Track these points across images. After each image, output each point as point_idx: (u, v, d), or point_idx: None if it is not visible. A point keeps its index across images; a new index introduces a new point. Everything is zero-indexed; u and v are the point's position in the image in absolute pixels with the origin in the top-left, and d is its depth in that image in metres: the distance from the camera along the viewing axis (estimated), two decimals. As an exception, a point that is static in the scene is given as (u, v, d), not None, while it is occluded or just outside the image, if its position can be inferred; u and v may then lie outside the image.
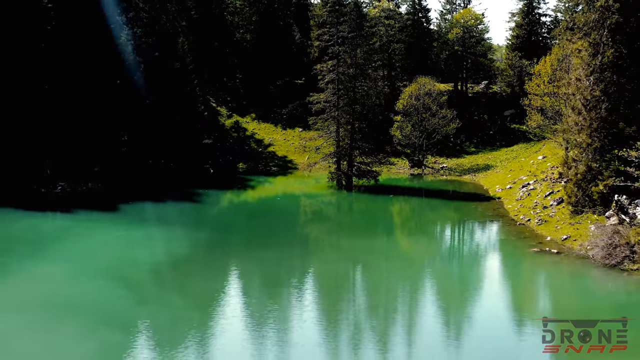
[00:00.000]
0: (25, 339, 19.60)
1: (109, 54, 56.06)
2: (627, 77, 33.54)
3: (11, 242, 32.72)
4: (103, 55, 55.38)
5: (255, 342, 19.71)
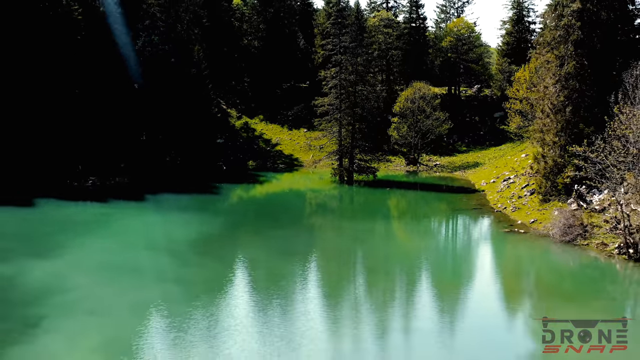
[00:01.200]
0: (99, 289, 25.35)
1: (129, 61, 61.96)
2: (588, 85, 39.24)
3: (64, 225, 38.55)
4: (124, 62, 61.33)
5: (269, 292, 25.34)
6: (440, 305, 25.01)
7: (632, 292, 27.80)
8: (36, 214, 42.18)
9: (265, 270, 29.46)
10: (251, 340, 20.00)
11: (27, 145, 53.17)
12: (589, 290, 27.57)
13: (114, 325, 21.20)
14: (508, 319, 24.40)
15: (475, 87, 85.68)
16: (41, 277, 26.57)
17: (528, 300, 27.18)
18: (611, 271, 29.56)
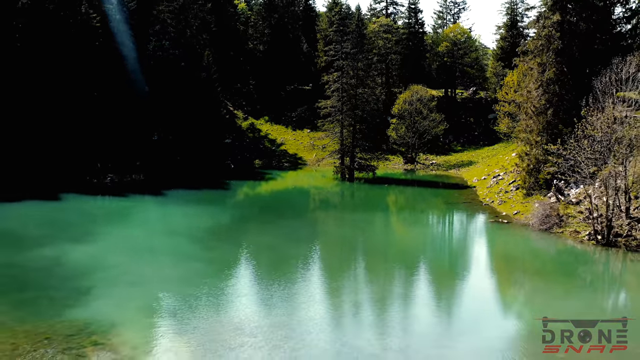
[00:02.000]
0: (134, 267, 29.32)
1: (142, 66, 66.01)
2: (567, 89, 43.26)
3: (91, 216, 42.63)
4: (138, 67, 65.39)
5: (280, 269, 29.32)
6: (430, 279, 29.05)
7: (598, 271, 31.78)
8: (64, 207, 46.25)
9: (276, 252, 33.50)
10: (263, 304, 23.96)
11: (49, 145, 57.10)
12: (562, 269, 31.59)
13: (152, 293, 25.19)
14: (490, 291, 28.35)
15: (471, 89, 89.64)
16: (81, 257, 30.59)
17: (505, 276, 31.19)
18: (581, 254, 33.55)
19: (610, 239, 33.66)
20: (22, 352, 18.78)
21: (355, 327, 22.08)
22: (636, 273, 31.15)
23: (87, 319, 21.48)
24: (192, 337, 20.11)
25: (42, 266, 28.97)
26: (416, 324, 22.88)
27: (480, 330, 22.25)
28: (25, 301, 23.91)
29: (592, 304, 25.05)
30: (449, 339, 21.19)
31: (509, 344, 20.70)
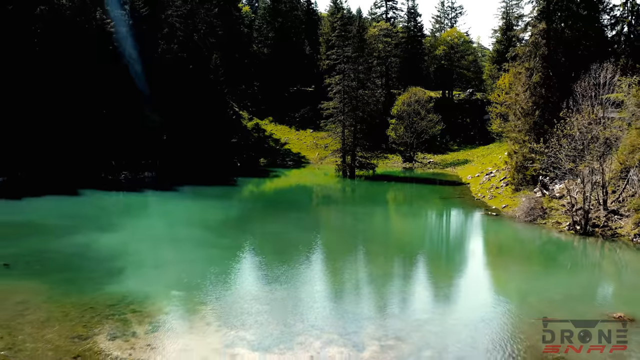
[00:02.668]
0: (158, 252, 32.74)
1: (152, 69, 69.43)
2: (552, 92, 46.66)
3: (112, 209, 46.14)
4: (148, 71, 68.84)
5: (290, 252, 32.75)
6: (423, 261, 32.48)
7: (574, 256, 35.15)
8: (84, 201, 49.74)
9: (284, 239, 36.98)
10: (274, 281, 27.33)
11: (67, 144, 60.51)
12: (541, 255, 35.03)
13: (177, 272, 28.59)
14: (476, 271, 31.78)
15: (468, 91, 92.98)
16: (109, 244, 34.03)
17: (490, 259, 34.65)
18: (561, 242, 36.92)
19: (588, 229, 37.04)
20: (72, 318, 22.15)
21: (355, 298, 25.51)
22: (608, 257, 34.50)
23: (124, 293, 24.89)
24: (216, 305, 23.56)
25: (75, 251, 32.42)
26: (409, 296, 26.27)
27: (465, 302, 25.72)
28: (67, 279, 27.33)
29: (566, 283, 28.40)
30: (437, 308, 24.62)
31: (490, 313, 24.05)
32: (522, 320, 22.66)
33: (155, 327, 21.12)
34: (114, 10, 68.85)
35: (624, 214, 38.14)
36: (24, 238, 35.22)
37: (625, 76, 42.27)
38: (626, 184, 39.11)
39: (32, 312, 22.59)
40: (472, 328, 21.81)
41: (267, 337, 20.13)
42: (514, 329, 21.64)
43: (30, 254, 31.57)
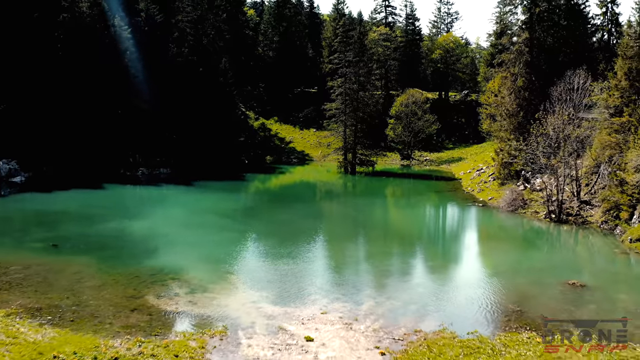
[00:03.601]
0: (185, 235, 37.56)
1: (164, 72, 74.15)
2: (534, 95, 51.44)
3: (136, 200, 51.05)
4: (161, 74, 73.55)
5: (299, 236, 37.57)
6: (416, 242, 37.35)
7: (547, 239, 39.98)
8: (109, 194, 54.64)
9: (293, 225, 41.99)
10: (288, 256, 32.12)
11: (88, 142, 65.26)
12: (519, 238, 39.93)
13: (204, 250, 33.46)
14: (461, 249, 36.63)
15: (463, 92, 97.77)
16: (141, 228, 38.96)
17: (474, 240, 39.57)
18: (537, 228, 41.77)
19: (562, 217, 41.87)
20: (122, 283, 26.96)
21: (356, 270, 30.47)
22: (575, 240, 39.27)
23: (162, 265, 29.74)
24: (240, 274, 28.49)
25: (112, 234, 37.33)
26: (402, 268, 31.11)
27: (447, 272, 30.67)
28: (110, 256, 32.18)
29: (535, 258, 33.41)
30: (424, 276, 29.60)
31: (468, 279, 28.86)
32: (493, 284, 27.55)
33: (193, 289, 25.96)
34: (130, 17, 73.59)
35: (595, 204, 42.93)
36: (64, 224, 40.19)
37: (603, 81, 47.05)
38: (597, 177, 43.89)
39: (88, 280, 27.42)
40: (451, 290, 26.75)
41: (284, 296, 24.99)
42: (486, 291, 26.46)
43: (73, 237, 36.50)
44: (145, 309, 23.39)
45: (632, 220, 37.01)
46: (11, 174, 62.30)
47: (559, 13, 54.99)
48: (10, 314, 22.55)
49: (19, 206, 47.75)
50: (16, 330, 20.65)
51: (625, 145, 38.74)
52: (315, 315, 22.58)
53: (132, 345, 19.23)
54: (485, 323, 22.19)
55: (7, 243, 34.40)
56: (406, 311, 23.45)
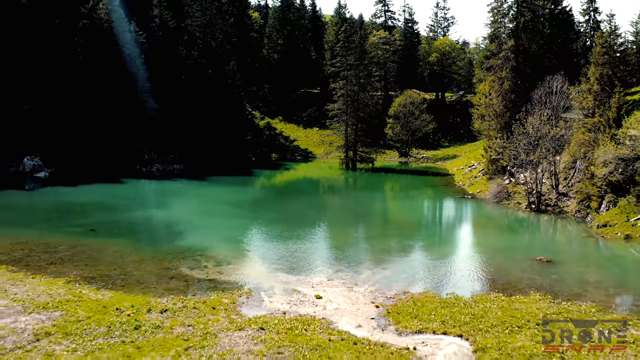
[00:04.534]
0: (204, 221, 42.43)
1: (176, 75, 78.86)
2: (520, 97, 56.25)
3: (156, 193, 55.96)
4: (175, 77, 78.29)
5: (305, 221, 42.41)
6: (411, 226, 42.27)
7: (525, 225, 44.80)
8: (129, 187, 59.64)
9: (300, 213, 47.05)
10: (297, 238, 37.02)
11: (105, 141, 70.10)
12: (500, 224, 44.81)
13: (223, 233, 38.34)
14: (450, 232, 41.51)
15: (459, 93, 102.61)
16: (164, 216, 43.89)
17: (460, 225, 44.45)
18: (517, 216, 46.66)
19: (541, 207, 46.75)
20: (158, 259, 31.79)
21: (357, 248, 35.43)
22: (549, 226, 44.08)
23: (189, 245, 34.67)
24: (258, 251, 33.45)
25: (139, 221, 42.32)
26: (397, 247, 35.95)
27: (435, 249, 35.58)
28: (143, 238, 37.17)
29: (511, 240, 38.37)
30: (416, 252, 34.48)
31: (452, 255, 33.74)
32: (473, 260, 32.52)
33: (218, 263, 30.89)
34: (145, 23, 78.41)
35: (571, 196, 47.79)
36: (94, 213, 45.15)
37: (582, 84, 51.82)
38: (574, 172, 48.74)
39: (128, 256, 32.31)
40: (437, 264, 31.71)
41: (295, 268, 29.92)
42: (466, 264, 31.39)
43: (106, 223, 41.38)
44: (181, 277, 28.29)
45: (600, 209, 41.88)
46: (35, 169, 67.30)
47: (543, 22, 59.80)
48: (70, 281, 27.37)
49: (50, 198, 52.64)
50: (79, 292, 25.53)
51: (595, 143, 43.56)
52: (322, 282, 27.49)
53: (176, 302, 24.11)
54: (462, 287, 27.05)
55: (50, 228, 39.31)
56: (398, 279, 28.34)
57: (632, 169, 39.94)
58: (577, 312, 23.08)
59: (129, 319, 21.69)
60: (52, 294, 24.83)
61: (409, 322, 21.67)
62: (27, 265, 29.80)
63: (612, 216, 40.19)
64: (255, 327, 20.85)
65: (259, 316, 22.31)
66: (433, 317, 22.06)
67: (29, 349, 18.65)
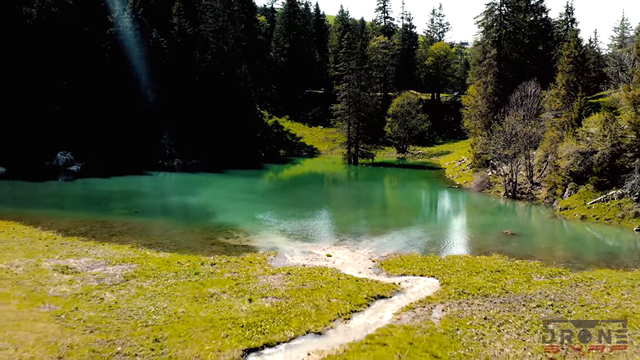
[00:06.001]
0: (231, 205, 50.16)
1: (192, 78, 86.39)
2: (502, 100, 63.87)
3: (182, 183, 63.72)
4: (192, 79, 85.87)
5: (313, 207, 50.06)
6: (405, 210, 50.06)
7: (500, 208, 52.47)
8: (156, 179, 67.48)
9: (309, 199, 54.97)
10: (308, 216, 44.68)
11: (130, 137, 77.77)
12: (479, 207, 52.50)
13: (247, 214, 46.09)
14: (438, 213, 49.27)
15: (453, 94, 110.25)
16: (196, 202, 51.66)
17: (446, 207, 52.18)
18: (498, 203, 54.38)
19: (517, 195, 54.46)
20: (198, 232, 39.51)
21: (358, 223, 43.24)
22: (521, 209, 51.78)
23: (221, 222, 42.47)
24: (277, 226, 41.24)
25: (175, 205, 50.18)
26: (392, 222, 43.64)
27: (424, 224, 43.35)
28: (181, 218, 44.99)
29: (486, 219, 46.11)
30: (408, 225, 42.24)
31: (437, 229, 41.45)
32: (453, 233, 40.37)
33: (247, 234, 38.68)
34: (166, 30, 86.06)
35: (542, 185, 55.47)
36: (134, 199, 52.89)
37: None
38: (546, 165, 56.40)
39: (173, 230, 40.11)
40: (423, 235, 39.58)
41: (309, 238, 37.72)
42: (447, 236, 39.20)
43: (147, 206, 49.23)
44: (220, 244, 36.05)
45: (564, 195, 49.60)
46: (67, 163, 75.20)
47: (523, 32, 67.32)
48: (133, 247, 35.00)
49: (89, 187, 60.32)
50: (144, 253, 33.26)
51: (561, 139, 51.27)
52: (331, 246, 35.29)
53: (221, 259, 31.85)
54: (440, 251, 34.83)
55: (101, 210, 47.13)
56: (390, 245, 36.12)
57: (589, 161, 47.63)
58: (525, 266, 30.75)
59: (189, 267, 29.49)
60: (123, 254, 32.56)
61: (396, 269, 29.49)
62: (93, 237, 37.39)
63: (572, 201, 47.93)
64: (284, 273, 28.61)
65: (285, 267, 30.08)
66: (414, 267, 29.85)
67: (124, 285, 26.39)
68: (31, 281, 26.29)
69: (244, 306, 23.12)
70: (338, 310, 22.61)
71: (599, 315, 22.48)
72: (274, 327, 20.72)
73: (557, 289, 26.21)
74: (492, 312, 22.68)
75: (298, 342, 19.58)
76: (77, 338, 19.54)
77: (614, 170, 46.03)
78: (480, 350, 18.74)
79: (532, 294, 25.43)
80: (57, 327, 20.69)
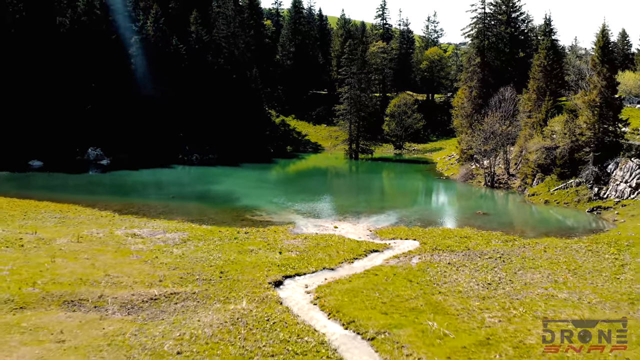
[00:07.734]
0: (251, 192, 59.21)
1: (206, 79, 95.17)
2: (485, 102, 72.74)
3: (205, 175, 72.77)
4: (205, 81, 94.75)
5: (319, 195, 59.11)
6: (400, 195, 59.08)
7: (480, 195, 61.42)
8: (180, 171, 76.48)
9: (317, 188, 64.02)
10: (316, 200, 53.63)
11: (154, 134, 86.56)
12: (464, 195, 61.52)
13: (267, 197, 55.09)
14: (428, 198, 58.30)
15: (447, 95, 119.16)
16: (221, 190, 60.74)
17: (435, 194, 61.26)
18: (479, 191, 63.38)
19: (495, 184, 63.49)
20: (228, 212, 48.53)
21: (358, 205, 52.25)
22: (497, 196, 60.73)
23: (246, 205, 51.54)
24: (292, 207, 50.36)
25: (203, 193, 59.19)
26: (389, 205, 52.60)
27: (416, 205, 52.39)
28: (211, 202, 54.00)
29: (468, 204, 55.03)
30: (402, 207, 51.26)
31: (427, 210, 50.42)
32: (437, 212, 49.43)
33: (269, 213, 47.73)
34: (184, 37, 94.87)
35: (517, 177, 64.48)
36: (167, 187, 62.00)
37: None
38: (520, 159, 65.41)
39: (208, 210, 49.19)
40: (412, 214, 48.74)
41: (318, 216, 46.80)
42: (431, 215, 48.23)
43: (180, 193, 58.24)
44: (248, 220, 45.11)
45: (533, 184, 58.64)
46: (97, 158, 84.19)
47: (505, 42, 76.17)
48: (179, 221, 43.97)
49: (124, 178, 69.08)
50: (190, 225, 42.27)
51: (531, 136, 60.27)
52: (336, 221, 44.39)
53: (252, 229, 40.92)
54: (425, 225, 43.81)
55: (142, 196, 56.21)
56: (385, 220, 45.22)
57: (553, 155, 56.65)
58: (487, 235, 39.73)
59: (229, 234, 38.57)
60: (175, 226, 41.51)
61: (387, 235, 38.65)
62: (144, 215, 46.26)
63: (539, 188, 56.97)
64: (302, 238, 37.66)
65: (302, 234, 39.14)
66: (402, 234, 39.03)
67: (184, 244, 35.37)
68: (113, 242, 35.27)
69: (276, 256, 32.23)
70: (344, 258, 31.80)
71: (534, 263, 31.46)
72: (300, 265, 29.92)
73: (507, 249, 35.27)
74: (454, 260, 31.78)
75: (318, 273, 28.77)
76: (166, 272, 28.60)
77: (574, 163, 54.99)
78: (440, 279, 27.83)
79: (487, 250, 34.50)
80: (148, 267, 29.78)
